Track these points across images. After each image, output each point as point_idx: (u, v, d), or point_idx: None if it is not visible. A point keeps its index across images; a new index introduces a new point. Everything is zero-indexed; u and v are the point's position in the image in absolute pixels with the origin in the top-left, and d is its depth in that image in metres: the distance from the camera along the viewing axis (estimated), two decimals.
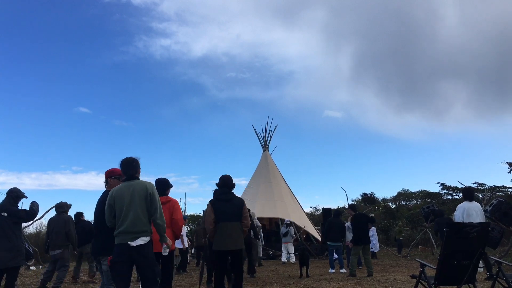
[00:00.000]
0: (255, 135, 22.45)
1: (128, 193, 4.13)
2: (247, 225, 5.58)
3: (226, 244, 5.39)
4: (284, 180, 21.36)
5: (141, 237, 4.04)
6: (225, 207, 5.50)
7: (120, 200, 4.12)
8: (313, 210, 36.94)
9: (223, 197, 5.60)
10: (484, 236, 4.73)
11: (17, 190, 6.26)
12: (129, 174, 4.27)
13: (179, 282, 8.68)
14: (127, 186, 4.19)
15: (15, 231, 5.95)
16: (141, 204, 4.10)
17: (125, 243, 3.99)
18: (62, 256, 7.48)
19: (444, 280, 4.69)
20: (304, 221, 19.13)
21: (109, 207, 4.16)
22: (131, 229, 4.02)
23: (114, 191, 4.24)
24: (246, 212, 5.58)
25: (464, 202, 7.89)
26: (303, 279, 9.09)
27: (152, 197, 4.14)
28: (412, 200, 38.56)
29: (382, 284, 7.87)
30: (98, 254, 4.33)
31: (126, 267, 4.03)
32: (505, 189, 29.11)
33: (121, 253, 4.00)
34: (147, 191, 4.14)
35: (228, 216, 5.45)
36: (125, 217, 4.06)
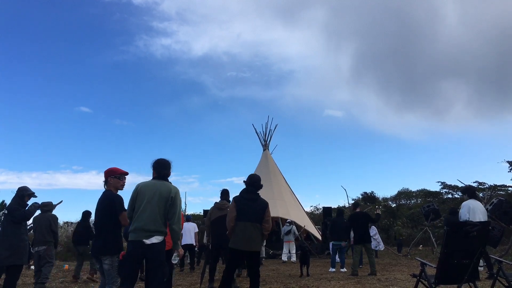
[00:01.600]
0: (256, 134, 22.47)
1: (152, 190, 4.15)
2: (268, 229, 5.37)
3: (242, 244, 5.22)
4: (285, 179, 21.36)
5: (156, 236, 4.05)
6: (248, 206, 5.31)
7: (142, 195, 4.14)
8: (313, 209, 36.91)
9: (247, 196, 5.42)
10: (484, 235, 4.72)
11: (24, 188, 6.28)
12: (162, 174, 4.30)
13: (179, 282, 8.67)
14: (154, 184, 4.22)
15: (14, 230, 5.94)
16: (161, 204, 4.11)
17: (140, 240, 4.00)
18: (47, 253, 7.43)
19: (445, 279, 4.69)
20: (305, 220, 19.12)
21: (132, 199, 4.20)
22: (147, 227, 4.03)
23: (140, 185, 4.27)
24: (268, 215, 5.38)
25: (470, 200, 7.89)
26: (303, 278, 9.10)
27: (174, 201, 4.16)
28: (413, 199, 38.50)
29: (383, 283, 7.87)
30: (98, 253, 4.32)
31: (137, 264, 4.05)
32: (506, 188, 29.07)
33: (135, 250, 4.00)
34: (170, 194, 4.16)
35: (249, 216, 5.26)
36: (142, 213, 4.07)
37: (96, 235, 4.48)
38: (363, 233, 9.85)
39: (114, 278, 4.25)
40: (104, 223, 4.35)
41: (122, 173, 4.61)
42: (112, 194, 4.47)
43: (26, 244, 6.01)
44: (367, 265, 10.10)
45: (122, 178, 4.60)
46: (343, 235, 11.08)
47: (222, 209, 7.50)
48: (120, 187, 4.59)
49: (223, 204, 7.63)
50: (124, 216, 4.35)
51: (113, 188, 4.52)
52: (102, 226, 4.36)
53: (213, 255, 7.77)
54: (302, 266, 9.61)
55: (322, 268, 11.77)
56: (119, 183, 4.56)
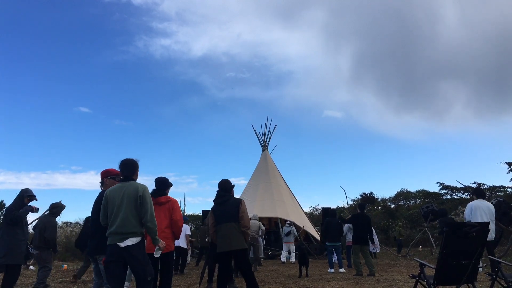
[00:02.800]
0: (255, 135, 22.49)
1: (120, 194, 4.16)
2: (244, 225, 5.52)
3: (224, 246, 5.44)
4: (284, 179, 21.37)
5: (130, 238, 4.06)
6: (221, 209, 5.59)
7: (112, 200, 4.16)
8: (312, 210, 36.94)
9: (219, 200, 5.70)
10: (483, 236, 4.73)
11: (25, 190, 6.32)
12: (124, 175, 4.31)
13: (179, 282, 8.68)
14: (120, 187, 4.23)
15: (9, 230, 6.02)
16: (131, 205, 4.11)
17: (115, 243, 4.04)
18: (41, 257, 7.35)
19: (444, 280, 4.69)
20: (304, 221, 19.13)
21: (103, 207, 4.22)
22: (120, 230, 4.05)
23: (108, 191, 4.28)
24: (243, 211, 5.54)
25: (475, 201, 7.90)
26: (302, 278, 9.10)
27: (143, 199, 4.14)
28: (412, 200, 38.51)
29: (382, 284, 7.87)
30: (94, 253, 4.35)
31: (119, 267, 4.08)
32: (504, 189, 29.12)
33: (112, 253, 4.06)
34: (138, 193, 4.15)
35: (223, 218, 5.52)
36: (115, 218, 4.10)
37: (92, 235, 4.48)
38: (363, 234, 9.86)
39: None
40: (99, 223, 4.36)
41: (118, 174, 4.61)
42: None
43: (21, 244, 5.98)
44: (364, 266, 10.11)
45: (118, 179, 4.60)
46: (337, 236, 11.10)
47: None
48: None
49: None
50: None
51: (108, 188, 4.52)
52: (98, 226, 4.37)
53: (213, 254, 7.79)
54: (301, 267, 9.61)
55: (321, 268, 11.77)
56: (114, 183, 4.55)
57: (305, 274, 9.50)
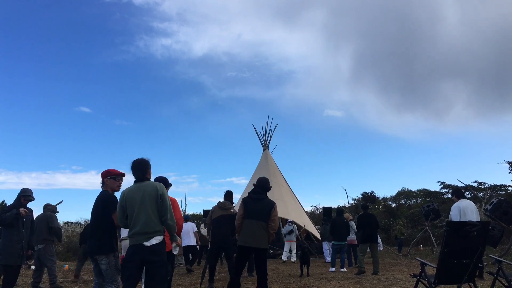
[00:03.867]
0: (255, 134, 22.48)
1: (139, 194, 4.17)
2: (274, 228, 5.66)
3: (249, 241, 5.52)
4: (284, 179, 21.35)
5: (155, 237, 4.10)
6: (255, 206, 5.66)
7: (131, 201, 4.16)
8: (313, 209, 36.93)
9: (254, 196, 5.77)
10: (484, 235, 4.73)
11: (22, 190, 6.36)
12: (138, 176, 4.32)
13: (179, 281, 8.68)
14: (138, 188, 4.24)
15: (3, 231, 6.11)
16: (152, 205, 4.14)
17: (140, 243, 4.04)
18: (45, 251, 7.49)
19: (445, 279, 4.70)
20: (304, 220, 19.13)
21: (121, 208, 4.20)
22: (145, 229, 4.07)
23: (125, 192, 4.27)
24: (275, 215, 5.67)
25: (460, 201, 7.89)
26: (303, 278, 9.10)
27: (163, 198, 4.20)
28: (413, 199, 38.49)
29: (383, 283, 7.87)
30: (95, 253, 4.33)
31: (138, 267, 4.09)
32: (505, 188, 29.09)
33: (135, 253, 4.05)
34: (158, 192, 4.19)
35: (254, 215, 5.60)
36: (137, 218, 4.10)
37: (91, 235, 4.47)
38: (371, 232, 9.90)
39: (113, 277, 4.25)
40: (99, 223, 4.37)
41: (119, 174, 4.63)
42: (108, 194, 4.50)
43: (15, 245, 5.97)
44: (367, 265, 10.13)
45: (119, 179, 4.62)
46: (344, 235, 11.07)
47: (225, 209, 7.61)
48: (116, 188, 4.60)
49: (226, 205, 7.73)
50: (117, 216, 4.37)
51: (109, 189, 4.54)
52: (98, 226, 4.38)
53: (213, 253, 7.81)
54: (303, 266, 9.61)
55: (322, 268, 11.77)
56: (115, 184, 4.58)
57: (306, 273, 9.50)
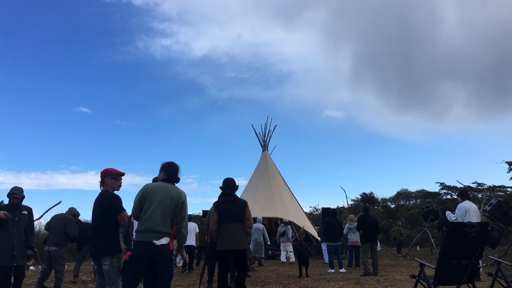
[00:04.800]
0: (255, 135, 22.47)
1: (163, 193, 4.15)
2: (250, 226, 5.77)
3: (228, 245, 5.54)
4: (284, 179, 21.35)
5: (165, 237, 4.07)
6: (228, 208, 5.66)
7: (153, 196, 4.12)
8: (312, 210, 37.02)
9: (225, 199, 5.76)
10: (483, 236, 4.73)
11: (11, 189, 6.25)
12: (173, 178, 4.33)
13: (179, 282, 8.67)
14: (165, 186, 4.23)
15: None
16: (171, 208, 4.13)
17: (150, 241, 3.98)
18: (58, 255, 7.48)
19: (444, 280, 4.69)
20: (304, 221, 19.12)
21: (140, 198, 4.14)
22: (158, 228, 4.02)
23: (149, 186, 4.24)
24: (248, 213, 5.74)
25: (465, 202, 7.97)
26: (302, 278, 9.10)
27: (183, 205, 4.20)
28: (412, 200, 38.54)
29: (382, 284, 7.87)
30: (98, 254, 4.30)
31: (144, 265, 4.01)
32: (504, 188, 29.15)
33: (144, 251, 3.96)
34: (180, 199, 4.19)
35: (230, 217, 5.61)
36: (152, 214, 4.04)
37: (95, 236, 4.41)
38: (371, 233, 9.98)
39: (114, 278, 4.22)
40: (103, 224, 4.32)
41: (119, 174, 4.60)
42: (112, 195, 4.45)
43: (5, 245, 5.87)
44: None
45: (119, 178, 4.59)
46: (337, 236, 11.09)
47: None
48: (117, 188, 4.57)
49: None
50: (123, 217, 4.34)
51: (110, 188, 4.50)
52: (102, 226, 4.33)
53: (212, 254, 7.79)
54: (301, 267, 9.61)
55: (321, 268, 11.77)
56: (116, 183, 4.55)
57: (305, 274, 9.50)
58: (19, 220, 6.05)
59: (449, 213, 8.72)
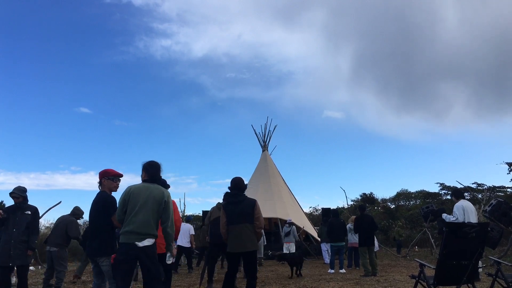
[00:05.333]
0: (255, 135, 22.48)
1: (145, 194, 4.14)
2: (260, 226, 5.44)
3: (237, 246, 5.32)
4: (284, 180, 21.35)
5: (148, 239, 4.05)
6: (236, 209, 5.41)
7: (136, 198, 4.12)
8: (312, 210, 36.98)
9: (233, 199, 5.51)
10: (483, 236, 4.73)
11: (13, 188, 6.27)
12: (155, 177, 4.32)
13: (179, 282, 8.67)
14: (146, 187, 4.21)
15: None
16: (154, 208, 4.12)
17: (132, 242, 4.00)
18: (59, 255, 7.50)
19: (444, 280, 4.69)
20: (304, 221, 19.13)
21: (123, 202, 4.15)
22: (140, 230, 4.02)
23: (132, 188, 4.23)
24: (258, 212, 5.44)
25: (461, 201, 7.96)
26: (302, 279, 9.10)
27: (167, 204, 4.18)
28: (412, 200, 38.53)
29: (382, 284, 7.87)
30: (95, 255, 4.32)
31: (131, 266, 4.05)
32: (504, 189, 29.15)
33: (128, 252, 3.99)
34: (163, 198, 4.17)
35: (238, 219, 5.36)
36: (135, 216, 4.06)
37: (91, 236, 4.44)
38: (368, 236, 9.95)
39: None
40: (99, 224, 4.34)
41: (116, 175, 4.60)
42: (107, 196, 4.47)
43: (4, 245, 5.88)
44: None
45: (116, 180, 4.59)
46: (342, 236, 11.06)
47: None
48: (114, 189, 4.58)
49: None
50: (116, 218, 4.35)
51: (107, 189, 4.51)
52: (98, 227, 4.35)
53: (212, 254, 7.80)
54: (293, 267, 9.61)
55: (321, 269, 11.77)
56: (113, 184, 4.56)
57: (296, 273, 9.49)
58: (20, 220, 6.03)
59: (446, 215, 8.70)
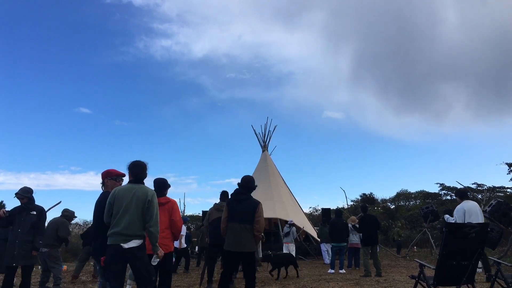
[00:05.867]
0: (255, 136, 22.46)
1: (129, 195, 4.16)
2: (258, 230, 5.31)
3: (234, 245, 5.27)
4: (283, 180, 21.34)
5: (134, 240, 4.06)
6: (238, 207, 5.34)
7: (120, 200, 4.15)
8: (312, 211, 36.96)
9: (237, 197, 5.48)
10: (483, 237, 4.73)
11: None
12: (139, 177, 4.32)
13: (179, 282, 8.67)
14: (130, 189, 4.22)
15: None
16: (138, 208, 4.12)
17: (118, 244, 4.03)
18: (49, 255, 7.51)
19: (443, 281, 4.70)
20: (303, 222, 19.12)
21: (109, 205, 4.20)
22: (125, 231, 4.05)
23: (116, 190, 4.26)
24: (259, 215, 5.32)
25: (463, 203, 7.83)
26: (301, 279, 9.10)
27: (150, 204, 4.16)
28: (411, 201, 38.54)
29: (381, 285, 7.86)
30: (99, 255, 4.34)
31: (120, 267, 4.08)
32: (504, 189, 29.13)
33: (115, 254, 4.04)
34: (147, 198, 4.17)
35: (237, 217, 5.28)
36: (120, 218, 4.09)
37: (95, 236, 4.47)
38: (371, 236, 9.94)
39: None
40: (103, 224, 4.33)
41: (119, 175, 4.63)
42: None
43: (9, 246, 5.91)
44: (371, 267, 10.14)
45: (119, 179, 4.62)
46: (344, 237, 11.05)
47: (221, 210, 7.53)
48: None
49: (222, 206, 7.65)
50: None
51: (110, 189, 4.52)
52: (102, 227, 4.34)
53: (211, 255, 7.80)
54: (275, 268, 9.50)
55: (321, 269, 11.76)
56: (116, 184, 4.58)
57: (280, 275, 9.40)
58: (25, 220, 6.07)
59: (448, 217, 8.67)
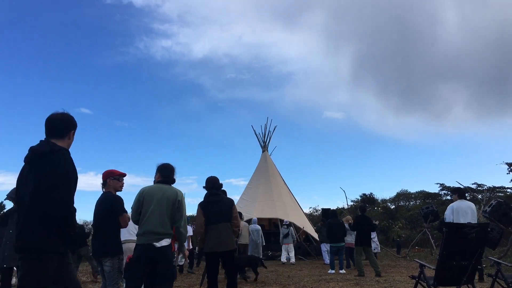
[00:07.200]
0: (255, 136, 22.45)
1: (159, 195, 4.22)
2: (237, 225, 5.56)
3: (216, 246, 5.31)
4: (284, 180, 21.35)
5: (165, 239, 4.12)
6: (213, 208, 5.41)
7: (150, 199, 4.21)
8: (312, 211, 36.97)
9: (211, 199, 5.52)
10: (483, 237, 4.73)
11: None
12: (170, 179, 4.42)
13: (179, 282, 8.66)
14: (160, 188, 4.30)
15: None
16: (168, 208, 4.19)
17: (150, 243, 4.05)
18: None
19: (444, 281, 4.70)
20: (303, 222, 19.14)
21: (137, 203, 4.26)
22: (157, 230, 4.09)
23: (145, 189, 4.34)
24: (235, 212, 5.58)
25: (455, 202, 7.98)
26: (301, 279, 9.09)
27: (180, 205, 4.26)
28: (411, 201, 38.53)
29: (381, 285, 7.87)
30: (99, 255, 4.33)
31: (144, 267, 4.07)
32: (504, 189, 29.12)
33: (144, 253, 4.05)
34: (177, 198, 4.25)
35: (217, 218, 5.36)
36: (150, 217, 4.14)
37: (96, 237, 4.46)
38: (364, 236, 9.95)
39: (115, 279, 4.24)
40: (105, 225, 4.35)
41: (121, 175, 4.65)
42: (113, 196, 4.48)
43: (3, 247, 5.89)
44: (365, 267, 10.14)
45: (121, 179, 4.65)
46: (341, 237, 11.07)
47: None
48: (119, 188, 4.63)
49: None
50: (125, 218, 4.38)
51: (112, 189, 4.54)
52: (103, 227, 4.36)
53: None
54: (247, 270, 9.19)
55: (321, 269, 11.77)
56: (118, 184, 4.60)
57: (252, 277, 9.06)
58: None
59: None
